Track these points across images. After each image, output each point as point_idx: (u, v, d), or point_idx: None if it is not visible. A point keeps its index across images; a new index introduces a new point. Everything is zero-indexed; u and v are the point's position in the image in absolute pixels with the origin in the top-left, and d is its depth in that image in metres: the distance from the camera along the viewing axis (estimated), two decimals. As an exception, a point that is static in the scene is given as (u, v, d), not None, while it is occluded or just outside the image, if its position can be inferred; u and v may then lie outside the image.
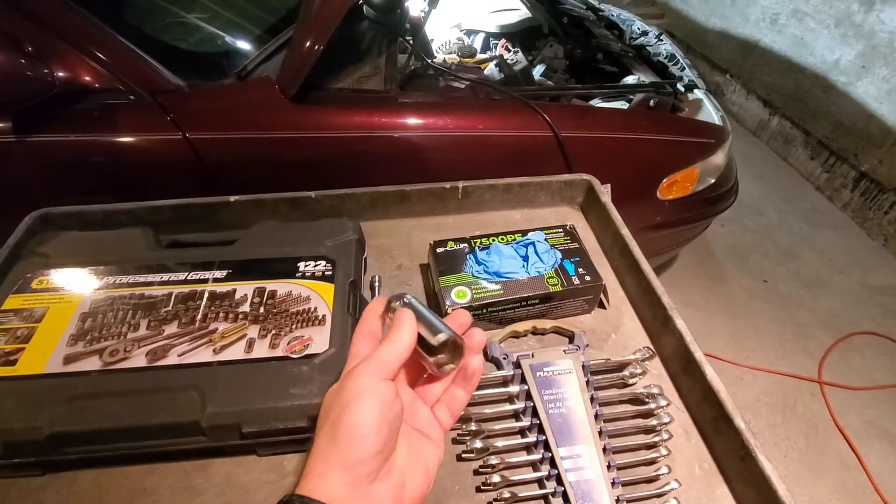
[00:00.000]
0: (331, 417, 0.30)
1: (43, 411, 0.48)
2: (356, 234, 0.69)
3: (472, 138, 1.05)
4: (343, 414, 0.29)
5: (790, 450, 1.53)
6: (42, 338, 0.54)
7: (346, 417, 0.29)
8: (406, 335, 0.33)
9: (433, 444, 0.35)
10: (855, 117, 2.37)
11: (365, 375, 0.31)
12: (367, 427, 0.29)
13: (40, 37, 0.83)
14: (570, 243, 0.72)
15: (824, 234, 2.34)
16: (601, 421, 0.55)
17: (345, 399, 0.30)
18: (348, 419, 0.29)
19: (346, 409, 0.29)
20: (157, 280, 0.60)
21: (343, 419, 0.29)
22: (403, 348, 0.33)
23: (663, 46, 1.76)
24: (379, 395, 0.30)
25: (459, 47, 1.70)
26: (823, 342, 1.84)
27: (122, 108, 0.91)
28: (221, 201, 0.75)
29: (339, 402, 0.30)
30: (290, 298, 0.59)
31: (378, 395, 0.30)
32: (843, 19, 2.37)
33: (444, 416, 0.37)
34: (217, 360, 0.52)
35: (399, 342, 0.33)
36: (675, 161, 1.24)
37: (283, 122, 0.96)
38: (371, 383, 0.30)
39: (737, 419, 0.51)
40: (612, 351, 0.66)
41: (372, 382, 0.30)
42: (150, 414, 0.49)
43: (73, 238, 0.66)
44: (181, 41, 1.05)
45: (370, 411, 0.29)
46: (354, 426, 0.28)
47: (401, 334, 0.33)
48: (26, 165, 0.89)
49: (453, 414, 0.37)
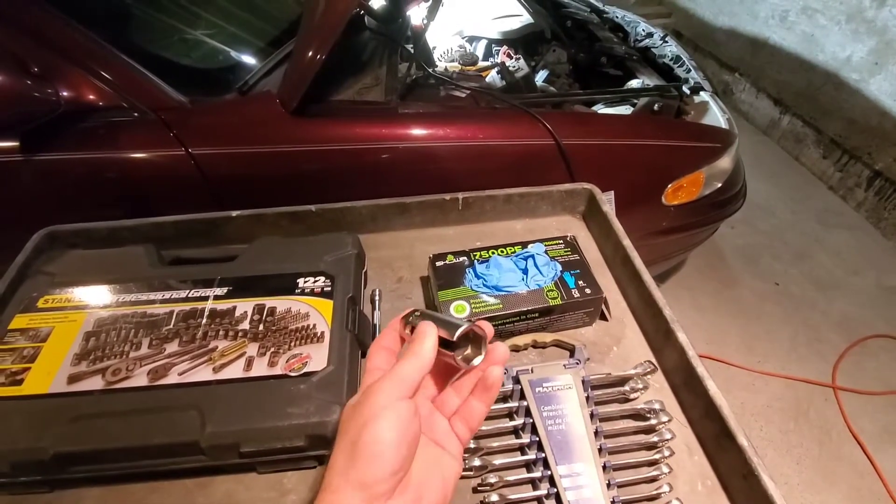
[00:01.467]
0: (350, 434, 0.30)
1: (48, 431, 0.49)
2: (355, 248, 0.70)
3: (473, 148, 1.05)
4: (363, 432, 0.29)
5: (803, 456, 1.50)
6: (47, 357, 0.55)
7: (365, 436, 0.29)
8: (427, 349, 0.33)
9: (451, 456, 0.35)
10: (868, 115, 2.32)
11: (385, 392, 0.31)
12: (386, 446, 0.29)
13: (46, 57, 0.85)
14: (570, 255, 0.71)
15: (838, 235, 2.29)
16: (601, 437, 0.55)
17: (364, 416, 0.30)
18: (367, 437, 0.29)
19: (365, 426, 0.29)
20: (160, 298, 0.61)
21: (362, 437, 0.29)
22: (424, 364, 0.33)
23: (668, 48, 1.74)
24: (399, 414, 0.30)
25: (461, 55, 1.70)
26: (837, 346, 1.80)
27: (126, 126, 0.93)
28: (223, 216, 0.76)
29: (359, 419, 0.30)
30: (290, 315, 0.59)
31: (398, 414, 0.30)
32: (855, 15, 2.32)
33: (461, 429, 0.37)
34: (216, 379, 0.53)
35: (420, 357, 0.33)
36: (679, 166, 1.22)
37: (285, 136, 0.97)
38: (391, 401, 0.30)
39: (739, 437, 0.50)
40: (614, 364, 0.65)
41: (392, 400, 0.30)
42: (150, 434, 0.49)
43: (78, 256, 0.68)
44: (183, 57, 1.06)
45: (389, 430, 0.29)
46: (373, 444, 0.28)
47: (422, 348, 0.33)
48: (34, 183, 0.91)
49: (471, 427, 0.37)
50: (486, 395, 0.37)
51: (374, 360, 0.36)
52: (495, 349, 0.37)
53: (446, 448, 0.35)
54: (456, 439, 0.36)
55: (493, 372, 0.36)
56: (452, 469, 0.34)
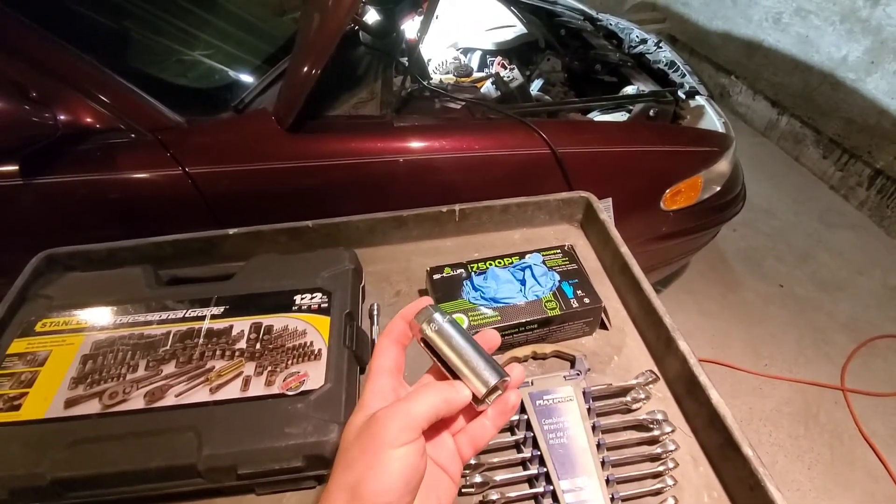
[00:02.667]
0: (354, 471, 0.28)
1: (45, 457, 0.49)
2: (352, 263, 0.70)
3: (469, 159, 1.05)
4: (367, 476, 0.27)
5: (815, 462, 1.47)
6: (45, 382, 0.55)
7: (370, 483, 0.27)
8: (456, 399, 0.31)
9: (450, 480, 0.33)
10: (866, 114, 2.32)
11: (393, 431, 0.28)
12: (392, 495, 0.27)
13: (43, 82, 0.86)
14: (568, 264, 0.71)
15: (841, 235, 2.28)
16: (604, 450, 0.54)
17: (369, 457, 0.28)
18: (372, 486, 0.27)
19: (370, 470, 0.27)
20: (156, 319, 0.61)
21: (366, 484, 0.27)
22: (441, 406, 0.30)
23: (663, 53, 1.75)
24: (407, 460, 0.28)
25: (456, 66, 1.71)
26: (845, 347, 1.78)
27: (124, 147, 0.94)
28: (220, 234, 0.76)
29: (364, 456, 0.28)
30: (287, 333, 0.59)
31: (406, 460, 0.28)
32: (849, 15, 2.33)
33: (465, 448, 0.34)
34: (213, 400, 0.53)
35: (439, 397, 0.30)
36: (677, 171, 1.22)
37: (281, 153, 0.98)
38: (400, 441, 0.28)
39: (744, 446, 0.49)
40: (615, 374, 0.64)
41: (400, 440, 0.28)
42: (147, 457, 0.49)
43: (75, 279, 0.68)
44: (179, 77, 1.08)
45: (397, 478, 0.27)
46: (378, 494, 0.27)
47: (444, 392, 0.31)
48: (33, 207, 0.92)
49: (476, 446, 0.34)
50: (501, 418, 0.34)
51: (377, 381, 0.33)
52: (512, 371, 0.34)
53: (448, 470, 0.33)
54: (459, 461, 0.34)
55: (512, 398, 0.33)
56: (449, 493, 0.32)
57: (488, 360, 0.32)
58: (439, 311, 0.33)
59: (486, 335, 0.36)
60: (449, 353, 0.32)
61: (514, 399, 0.33)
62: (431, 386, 0.31)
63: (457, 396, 0.31)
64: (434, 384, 0.32)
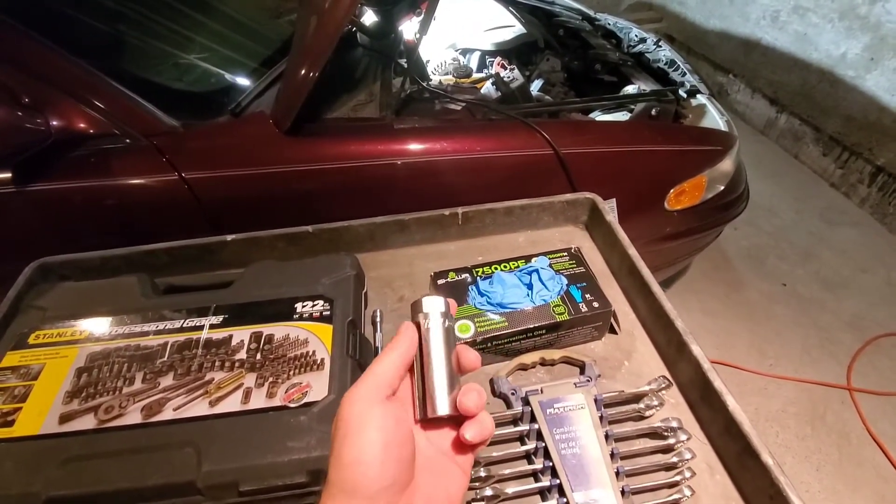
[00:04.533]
0: (334, 450, 0.27)
1: (39, 475, 0.48)
2: (354, 269, 0.68)
3: (471, 161, 1.03)
4: (343, 448, 0.26)
5: (823, 462, 1.46)
6: (38, 396, 0.53)
7: (345, 454, 0.26)
8: (403, 341, 0.31)
9: (460, 471, 0.31)
10: (866, 111, 2.31)
11: (361, 397, 0.28)
12: (369, 464, 0.26)
13: (35, 87, 0.84)
14: (575, 267, 0.69)
15: (843, 232, 2.26)
16: (618, 460, 0.52)
17: (342, 430, 0.27)
18: (348, 456, 0.26)
19: (344, 441, 0.26)
20: (153, 329, 0.59)
21: (343, 455, 0.26)
22: (401, 356, 0.30)
23: (662, 52, 1.74)
24: (378, 423, 0.27)
25: (455, 67, 1.70)
26: (850, 346, 1.76)
27: (118, 153, 0.92)
28: (218, 241, 0.74)
29: (338, 431, 0.27)
30: (288, 342, 0.57)
31: (377, 423, 0.27)
32: (847, 12, 2.32)
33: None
34: (213, 413, 0.51)
35: (396, 349, 0.30)
36: (681, 171, 1.20)
37: (279, 157, 0.96)
38: (366, 408, 0.27)
39: (764, 455, 0.48)
40: (626, 380, 0.63)
41: (367, 407, 0.27)
42: (145, 475, 0.47)
43: (69, 289, 0.66)
44: (174, 81, 1.06)
45: (371, 445, 0.26)
46: (356, 464, 0.26)
47: (398, 341, 0.31)
48: (26, 215, 0.90)
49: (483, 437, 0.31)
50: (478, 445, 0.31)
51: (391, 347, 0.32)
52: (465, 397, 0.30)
53: (455, 460, 0.31)
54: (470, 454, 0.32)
55: (466, 435, 0.29)
56: (459, 485, 0.31)
57: (451, 385, 0.30)
58: (444, 314, 0.32)
59: (466, 356, 0.33)
60: (422, 357, 0.31)
61: (471, 435, 0.29)
62: (385, 350, 0.31)
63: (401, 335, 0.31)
64: (385, 349, 0.31)
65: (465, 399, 0.30)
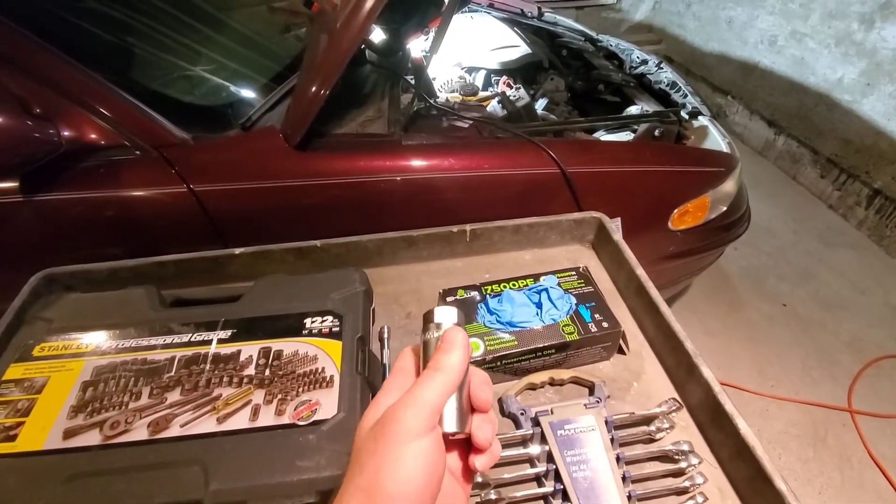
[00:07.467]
0: (366, 473, 0.25)
1: (43, 491, 0.47)
2: (363, 284, 0.68)
3: (478, 178, 1.04)
4: (383, 475, 0.24)
5: (825, 486, 1.44)
6: (42, 410, 0.53)
7: (388, 482, 0.24)
8: (454, 363, 0.28)
9: (462, 490, 0.30)
10: (863, 134, 2.35)
11: (406, 424, 0.26)
12: (412, 494, 0.24)
13: (47, 97, 0.85)
14: (584, 287, 0.69)
15: (841, 254, 2.28)
16: (629, 483, 0.52)
17: (385, 454, 0.25)
18: (391, 486, 0.24)
19: (384, 468, 0.25)
20: (160, 343, 0.59)
21: (384, 483, 0.24)
22: (451, 383, 0.27)
23: (664, 74, 1.77)
24: (424, 455, 0.25)
25: (461, 86, 1.72)
26: (850, 368, 1.76)
27: (128, 164, 0.92)
28: (226, 254, 0.74)
29: (378, 455, 0.25)
30: (297, 358, 0.57)
31: (423, 455, 0.25)
32: (844, 38, 2.38)
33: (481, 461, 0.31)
34: (221, 431, 0.50)
35: (446, 373, 0.27)
36: (685, 191, 1.22)
37: (288, 171, 0.96)
38: (413, 436, 0.25)
39: (777, 480, 0.47)
40: (636, 401, 0.62)
41: (414, 435, 0.25)
42: (151, 493, 0.46)
43: (75, 300, 0.66)
44: (185, 94, 1.07)
45: (417, 474, 0.25)
46: (398, 497, 0.24)
47: (448, 361, 0.28)
48: (33, 224, 0.90)
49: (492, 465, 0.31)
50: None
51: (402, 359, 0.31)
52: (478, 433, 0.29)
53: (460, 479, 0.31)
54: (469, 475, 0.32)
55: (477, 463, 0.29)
56: (461, 501, 0.30)
57: (465, 402, 0.30)
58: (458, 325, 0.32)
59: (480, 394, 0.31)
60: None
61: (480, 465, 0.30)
62: (433, 371, 0.28)
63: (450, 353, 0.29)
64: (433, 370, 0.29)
65: (480, 434, 0.29)
